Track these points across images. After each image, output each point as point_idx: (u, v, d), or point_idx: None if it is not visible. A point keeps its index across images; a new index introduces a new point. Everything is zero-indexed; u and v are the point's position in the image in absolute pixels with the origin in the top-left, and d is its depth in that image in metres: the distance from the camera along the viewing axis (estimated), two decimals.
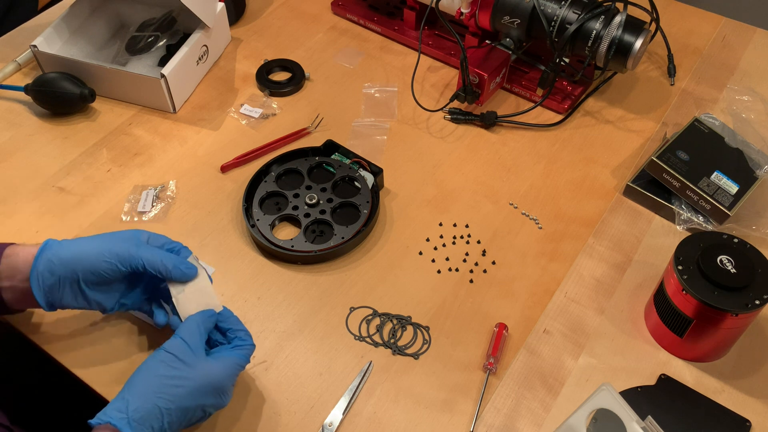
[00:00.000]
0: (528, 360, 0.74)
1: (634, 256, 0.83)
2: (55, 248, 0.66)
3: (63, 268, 0.65)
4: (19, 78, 1.04)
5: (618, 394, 0.63)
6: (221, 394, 0.63)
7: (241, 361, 0.65)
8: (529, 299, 0.79)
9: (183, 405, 0.60)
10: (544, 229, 0.86)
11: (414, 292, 0.80)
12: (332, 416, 0.69)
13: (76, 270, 0.65)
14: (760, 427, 0.69)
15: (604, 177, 0.92)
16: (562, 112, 1.00)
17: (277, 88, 1.03)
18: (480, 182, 0.91)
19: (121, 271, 0.65)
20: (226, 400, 0.64)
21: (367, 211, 0.85)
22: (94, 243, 0.66)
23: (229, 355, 0.64)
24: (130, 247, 0.66)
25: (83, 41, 1.05)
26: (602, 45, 0.90)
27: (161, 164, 0.93)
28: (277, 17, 1.17)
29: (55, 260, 0.65)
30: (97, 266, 0.65)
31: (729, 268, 0.68)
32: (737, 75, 1.06)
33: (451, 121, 0.99)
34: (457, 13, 0.99)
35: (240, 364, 0.65)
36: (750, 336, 0.74)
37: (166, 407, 0.59)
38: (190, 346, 0.62)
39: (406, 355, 0.74)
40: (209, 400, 0.62)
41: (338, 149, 0.92)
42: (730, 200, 0.83)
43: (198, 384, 0.61)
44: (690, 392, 0.71)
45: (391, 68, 1.08)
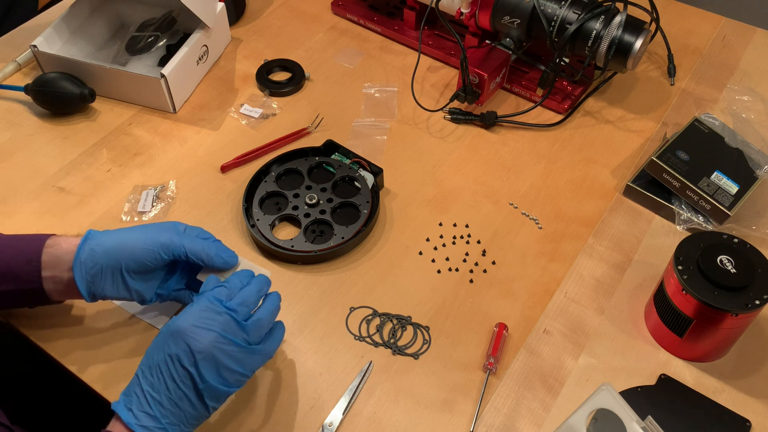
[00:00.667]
0: (528, 360, 0.74)
1: (634, 256, 0.83)
2: (98, 238, 0.67)
3: (106, 257, 0.65)
4: (19, 78, 1.04)
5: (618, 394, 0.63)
6: (181, 336, 0.58)
7: (200, 300, 0.61)
8: (529, 299, 0.79)
9: (150, 362, 0.59)
10: (544, 229, 0.86)
11: (414, 292, 0.80)
12: (332, 416, 0.69)
13: (120, 259, 0.66)
14: (760, 427, 0.69)
15: (604, 177, 0.92)
16: (562, 112, 1.00)
17: (277, 88, 1.03)
18: (480, 182, 0.91)
19: (164, 259, 0.66)
20: (191, 341, 0.58)
21: (367, 211, 0.85)
22: (136, 232, 0.67)
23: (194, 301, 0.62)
24: (173, 236, 0.67)
25: (83, 41, 1.05)
26: (602, 45, 0.90)
27: (161, 164, 0.93)
28: (277, 17, 1.17)
29: (98, 249, 0.66)
30: (140, 254, 0.66)
31: (729, 268, 0.68)
32: (737, 75, 1.06)
33: (451, 121, 0.99)
34: (457, 13, 0.99)
35: (199, 304, 0.61)
36: (750, 336, 0.74)
37: (140, 370, 0.60)
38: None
39: (406, 355, 0.74)
40: (171, 347, 0.58)
41: (338, 149, 0.92)
42: (730, 200, 0.83)
43: (159, 336, 0.60)
44: (690, 392, 0.71)
45: (391, 68, 1.08)
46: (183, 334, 0.58)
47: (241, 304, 0.62)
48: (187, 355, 0.58)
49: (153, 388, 0.58)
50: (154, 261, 0.66)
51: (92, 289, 0.67)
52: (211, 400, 0.60)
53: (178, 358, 0.58)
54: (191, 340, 0.58)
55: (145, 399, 0.58)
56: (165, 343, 0.59)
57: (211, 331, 0.59)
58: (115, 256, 0.66)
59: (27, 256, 0.66)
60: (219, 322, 0.60)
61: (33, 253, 0.66)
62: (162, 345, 0.59)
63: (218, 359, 0.59)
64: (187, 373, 0.58)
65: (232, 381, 0.61)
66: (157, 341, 0.60)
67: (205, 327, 0.59)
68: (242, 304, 0.62)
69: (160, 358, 0.59)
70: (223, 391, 0.60)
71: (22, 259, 0.66)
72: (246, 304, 0.62)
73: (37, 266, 0.66)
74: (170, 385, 0.58)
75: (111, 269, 0.66)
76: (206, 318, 0.59)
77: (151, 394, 0.58)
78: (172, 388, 0.58)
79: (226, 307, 0.61)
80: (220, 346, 0.59)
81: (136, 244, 0.66)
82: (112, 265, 0.66)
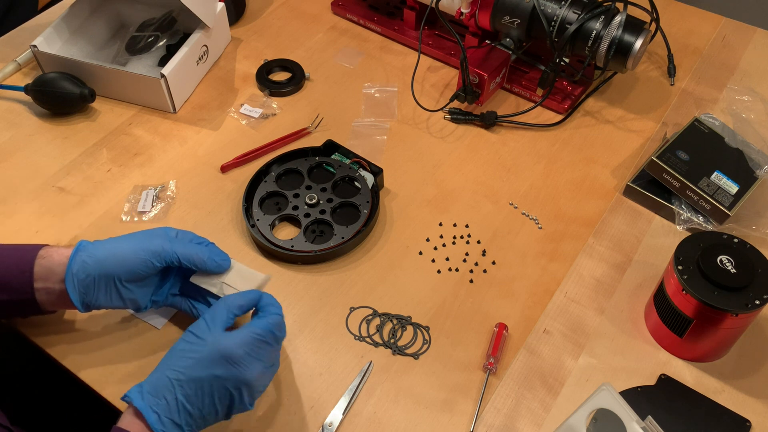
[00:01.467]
0: (528, 360, 0.74)
1: (634, 256, 0.83)
2: (90, 249, 0.67)
3: (98, 268, 0.65)
4: (19, 78, 1.04)
5: (618, 394, 0.63)
6: (233, 364, 0.60)
7: (257, 329, 0.62)
8: (529, 299, 0.79)
9: (192, 375, 0.59)
10: (544, 229, 0.86)
11: (414, 292, 0.80)
12: (332, 416, 0.69)
13: (111, 269, 0.66)
14: (760, 427, 0.69)
15: (604, 177, 0.92)
16: (562, 112, 1.00)
17: (277, 88, 1.03)
18: (480, 182, 0.91)
19: (156, 266, 0.67)
20: (243, 371, 0.60)
21: (367, 211, 0.85)
22: (127, 242, 0.68)
23: (247, 325, 0.63)
24: (164, 243, 0.67)
25: (83, 41, 1.05)
26: (602, 45, 0.90)
27: (161, 164, 0.93)
28: (277, 17, 1.17)
29: (89, 261, 0.66)
30: (132, 264, 0.66)
31: (729, 268, 0.68)
32: (737, 75, 1.06)
33: (451, 121, 0.99)
34: (457, 13, 0.99)
35: (256, 333, 0.62)
36: (750, 336, 0.74)
37: (176, 378, 0.59)
38: (207, 322, 0.62)
39: (406, 355, 0.74)
40: (220, 370, 0.59)
41: (338, 149, 0.92)
42: (730, 200, 0.83)
43: (206, 353, 0.60)
44: (690, 392, 0.71)
45: (391, 68, 1.08)
46: (236, 361, 0.60)
47: (284, 337, 0.65)
48: (235, 382, 0.60)
49: (188, 400, 0.59)
50: (147, 269, 0.66)
51: (85, 300, 0.67)
52: (233, 413, 0.62)
53: (225, 381, 0.59)
54: (243, 368, 0.60)
55: (176, 407, 0.58)
56: (214, 362, 0.59)
57: (260, 362, 0.61)
58: (107, 267, 0.66)
59: (20, 267, 0.66)
60: (268, 354, 0.62)
61: (25, 264, 0.66)
62: (209, 364, 0.59)
63: (258, 388, 0.62)
64: (229, 395, 0.60)
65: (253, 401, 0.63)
66: (204, 357, 0.60)
67: (257, 358, 0.61)
68: (284, 337, 0.65)
69: (205, 375, 0.59)
70: (246, 408, 0.63)
71: (15, 270, 0.66)
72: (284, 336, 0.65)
73: (30, 277, 0.66)
74: (207, 401, 0.59)
75: (104, 280, 0.66)
76: (260, 349, 0.61)
77: (184, 405, 0.59)
78: (207, 404, 0.59)
79: (278, 340, 0.63)
80: (261, 376, 0.62)
81: (128, 254, 0.66)
82: (104, 276, 0.66)
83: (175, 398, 0.58)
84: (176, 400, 0.58)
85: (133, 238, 0.68)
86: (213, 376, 0.59)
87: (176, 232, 0.70)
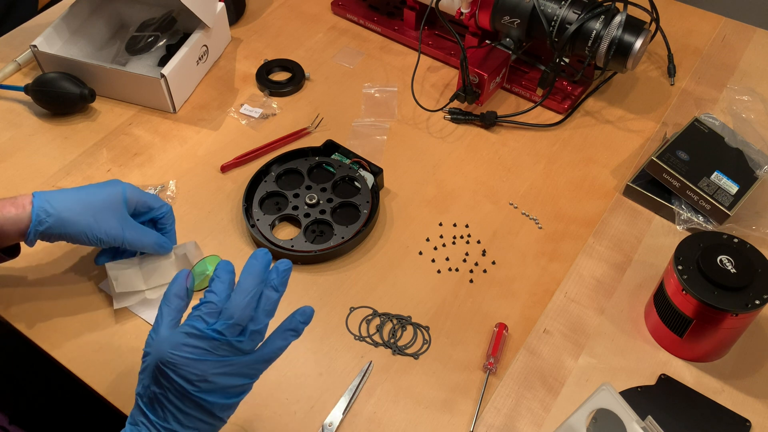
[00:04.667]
0: (528, 360, 0.74)
1: (634, 256, 0.83)
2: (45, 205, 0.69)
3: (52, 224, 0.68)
4: (19, 78, 1.04)
5: (618, 394, 0.63)
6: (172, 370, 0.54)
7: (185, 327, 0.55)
8: (529, 299, 0.79)
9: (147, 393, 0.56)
10: (544, 229, 0.86)
11: (414, 292, 0.80)
12: (332, 416, 0.69)
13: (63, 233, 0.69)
14: (760, 427, 0.69)
15: (604, 177, 0.92)
16: (562, 112, 1.00)
17: (277, 88, 1.03)
18: (480, 182, 0.91)
19: (103, 245, 0.72)
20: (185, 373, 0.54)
21: (367, 211, 0.85)
22: (80, 217, 0.70)
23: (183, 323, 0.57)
24: (116, 227, 0.71)
25: (83, 41, 1.05)
26: (602, 45, 0.90)
27: (161, 164, 0.93)
28: (277, 17, 1.17)
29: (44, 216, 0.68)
30: (81, 239, 0.70)
31: (729, 268, 0.68)
32: (737, 75, 1.06)
33: (451, 121, 0.99)
34: (457, 13, 0.99)
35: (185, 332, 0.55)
36: (750, 336, 0.74)
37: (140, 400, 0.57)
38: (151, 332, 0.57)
39: (406, 355, 0.74)
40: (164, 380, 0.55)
41: (338, 149, 0.92)
42: (730, 200, 0.83)
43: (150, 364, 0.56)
44: (690, 392, 0.71)
45: (391, 68, 1.08)
46: (176, 367, 0.54)
47: (231, 326, 0.55)
48: (186, 386, 0.54)
49: (160, 418, 0.55)
50: (94, 244, 0.71)
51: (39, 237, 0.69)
52: (223, 413, 0.57)
53: (178, 390, 0.54)
54: (186, 373, 0.54)
55: (156, 429, 0.55)
56: (158, 375, 0.55)
57: (204, 361, 0.54)
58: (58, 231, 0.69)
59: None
60: (209, 349, 0.55)
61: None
62: (156, 377, 0.55)
63: (219, 383, 0.55)
64: (191, 401, 0.55)
65: (239, 392, 0.57)
66: (151, 369, 0.55)
67: (196, 357, 0.54)
68: (231, 325, 0.55)
69: (158, 391, 0.55)
70: (232, 403, 0.57)
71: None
72: (237, 323, 0.55)
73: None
74: (177, 413, 0.55)
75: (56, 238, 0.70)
76: (195, 347, 0.54)
77: (160, 424, 0.55)
78: (180, 416, 0.55)
79: (214, 331, 0.55)
80: (217, 370, 0.55)
81: (79, 230, 0.70)
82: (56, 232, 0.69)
83: (150, 421, 0.55)
84: (151, 423, 0.55)
85: (84, 211, 0.70)
86: (164, 390, 0.55)
87: (134, 201, 0.73)
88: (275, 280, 0.58)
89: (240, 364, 0.56)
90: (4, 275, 0.80)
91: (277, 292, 0.58)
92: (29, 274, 0.81)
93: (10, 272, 0.80)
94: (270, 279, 0.58)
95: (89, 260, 0.81)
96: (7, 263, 0.73)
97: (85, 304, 0.78)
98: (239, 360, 0.56)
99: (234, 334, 0.55)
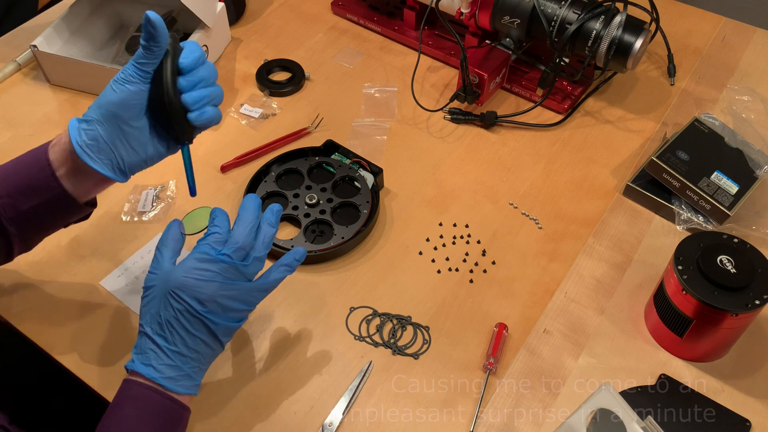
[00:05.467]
0: (528, 360, 0.74)
1: (634, 256, 0.83)
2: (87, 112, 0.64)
3: (98, 114, 0.62)
4: (19, 78, 1.04)
5: (618, 394, 0.63)
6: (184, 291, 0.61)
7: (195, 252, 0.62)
8: (529, 299, 0.79)
9: (159, 320, 0.61)
10: (544, 229, 0.86)
11: (414, 292, 0.80)
12: (332, 416, 0.69)
13: (112, 110, 0.62)
14: (760, 427, 0.69)
15: (604, 177, 0.92)
16: (562, 112, 1.00)
17: (277, 88, 1.03)
18: (480, 182, 0.91)
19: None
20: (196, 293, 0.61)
21: (367, 211, 0.85)
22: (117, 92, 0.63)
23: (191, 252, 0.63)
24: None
25: (83, 41, 1.05)
26: (602, 45, 0.90)
27: (161, 164, 0.92)
28: (277, 17, 1.17)
29: (90, 114, 0.63)
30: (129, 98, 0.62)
31: (729, 268, 0.68)
32: (737, 75, 1.06)
33: (451, 121, 0.99)
34: (457, 13, 0.99)
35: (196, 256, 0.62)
36: (750, 336, 0.74)
37: (149, 328, 0.61)
38: (152, 270, 0.63)
39: (406, 355, 0.74)
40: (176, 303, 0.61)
41: (338, 149, 0.92)
42: (730, 200, 0.83)
43: (159, 294, 0.61)
44: (690, 392, 0.71)
45: (391, 68, 1.08)
46: (187, 288, 0.60)
47: (237, 250, 0.62)
48: (197, 306, 0.60)
49: (168, 341, 0.60)
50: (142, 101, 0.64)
51: (107, 159, 0.63)
52: (224, 337, 0.63)
53: (188, 311, 0.60)
54: (196, 293, 0.60)
55: (163, 353, 0.60)
56: (170, 298, 0.60)
57: (212, 282, 0.61)
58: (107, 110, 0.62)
59: (38, 165, 0.64)
60: (219, 272, 0.61)
61: (41, 159, 0.64)
62: (167, 301, 0.60)
63: (225, 304, 0.62)
64: (200, 321, 0.61)
65: (240, 317, 0.64)
66: (159, 298, 0.61)
67: (207, 279, 0.61)
68: (237, 249, 0.63)
69: (170, 314, 0.60)
70: (233, 326, 0.63)
71: (35, 168, 0.64)
72: (242, 247, 0.63)
73: (50, 168, 0.64)
74: (185, 335, 0.60)
75: (110, 126, 0.62)
76: (205, 270, 0.61)
77: (168, 347, 0.60)
78: (187, 338, 0.61)
79: (223, 255, 0.62)
80: (223, 292, 0.61)
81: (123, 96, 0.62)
82: (108, 120, 0.62)
83: (158, 346, 0.60)
84: (159, 347, 0.60)
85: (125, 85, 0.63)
86: (176, 311, 0.60)
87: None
88: (271, 218, 0.66)
89: (243, 289, 0.63)
90: (4, 275, 0.80)
91: (273, 228, 0.66)
92: (29, 274, 0.81)
93: (10, 272, 0.80)
94: (266, 217, 0.66)
95: (89, 260, 0.81)
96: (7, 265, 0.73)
97: (85, 303, 0.78)
98: (243, 285, 0.63)
99: (239, 258, 0.63)
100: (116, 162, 0.64)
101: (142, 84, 0.63)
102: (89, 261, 0.82)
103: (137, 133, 0.64)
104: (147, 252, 0.83)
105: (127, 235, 0.85)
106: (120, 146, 0.64)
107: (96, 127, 0.62)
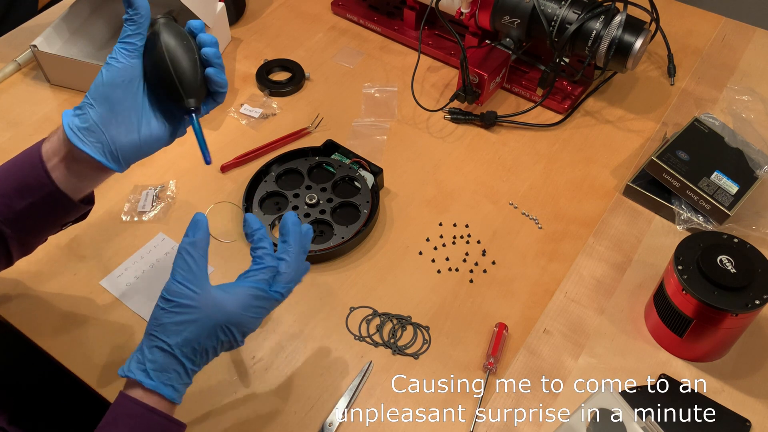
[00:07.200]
0: (528, 360, 0.74)
1: (634, 256, 0.83)
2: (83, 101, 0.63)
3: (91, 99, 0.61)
4: (19, 78, 1.04)
5: (618, 394, 0.63)
6: (236, 325, 0.59)
7: (252, 289, 0.60)
8: (529, 299, 0.79)
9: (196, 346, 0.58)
10: (544, 229, 0.86)
11: (414, 292, 0.80)
12: (332, 416, 0.69)
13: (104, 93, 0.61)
14: (760, 427, 0.69)
15: (604, 177, 0.92)
16: (562, 112, 1.00)
17: (277, 88, 1.03)
18: (480, 182, 0.91)
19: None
20: (245, 329, 0.60)
21: (367, 211, 0.85)
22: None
23: (242, 285, 0.61)
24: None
25: (83, 41, 1.05)
26: (602, 45, 0.90)
27: (161, 164, 0.93)
28: (277, 17, 1.17)
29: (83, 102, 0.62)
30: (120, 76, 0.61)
31: (729, 268, 0.68)
32: (737, 75, 1.06)
33: (451, 121, 0.99)
34: (457, 13, 0.99)
35: (252, 293, 0.60)
36: (750, 336, 0.74)
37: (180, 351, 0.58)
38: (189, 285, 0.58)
39: (406, 355, 0.74)
40: (222, 335, 0.59)
41: (338, 149, 0.92)
42: (730, 200, 0.83)
43: (206, 322, 0.58)
44: (690, 392, 0.71)
45: (391, 68, 1.08)
46: (241, 326, 0.60)
47: (288, 290, 0.63)
48: (240, 339, 0.60)
49: (195, 363, 0.59)
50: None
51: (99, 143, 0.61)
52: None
53: (230, 342, 0.60)
54: (245, 329, 0.60)
55: (186, 374, 0.59)
56: (219, 331, 0.58)
57: (260, 319, 0.62)
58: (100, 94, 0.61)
59: (31, 162, 0.63)
60: (269, 307, 0.62)
61: (34, 156, 0.63)
62: (214, 333, 0.58)
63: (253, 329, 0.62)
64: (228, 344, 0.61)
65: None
66: (205, 327, 0.58)
67: (260, 317, 0.61)
68: (289, 290, 0.63)
69: (211, 344, 0.59)
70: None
71: (28, 166, 0.64)
72: (291, 286, 0.63)
73: (42, 165, 0.63)
74: (212, 356, 0.60)
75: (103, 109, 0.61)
76: (260, 308, 0.61)
77: (191, 368, 0.59)
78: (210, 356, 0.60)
79: (276, 293, 0.62)
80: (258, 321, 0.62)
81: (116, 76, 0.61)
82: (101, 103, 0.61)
83: (183, 367, 0.58)
84: (184, 368, 0.58)
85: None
86: (217, 342, 0.59)
87: None
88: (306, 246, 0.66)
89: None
90: (4, 275, 0.80)
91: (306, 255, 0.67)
92: (29, 274, 0.81)
93: (10, 272, 0.80)
94: (304, 246, 0.66)
95: (89, 260, 0.81)
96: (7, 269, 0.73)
97: (85, 303, 0.78)
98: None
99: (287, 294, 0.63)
100: (108, 145, 0.62)
101: (130, 59, 0.61)
102: (89, 261, 0.82)
103: (129, 113, 0.62)
104: (147, 252, 0.83)
105: (127, 235, 0.85)
106: (112, 128, 0.62)
107: (88, 110, 0.62)
